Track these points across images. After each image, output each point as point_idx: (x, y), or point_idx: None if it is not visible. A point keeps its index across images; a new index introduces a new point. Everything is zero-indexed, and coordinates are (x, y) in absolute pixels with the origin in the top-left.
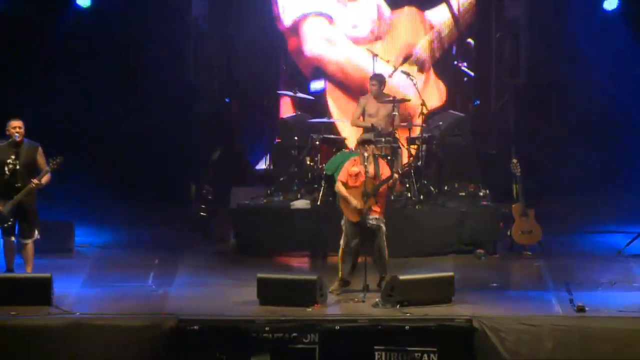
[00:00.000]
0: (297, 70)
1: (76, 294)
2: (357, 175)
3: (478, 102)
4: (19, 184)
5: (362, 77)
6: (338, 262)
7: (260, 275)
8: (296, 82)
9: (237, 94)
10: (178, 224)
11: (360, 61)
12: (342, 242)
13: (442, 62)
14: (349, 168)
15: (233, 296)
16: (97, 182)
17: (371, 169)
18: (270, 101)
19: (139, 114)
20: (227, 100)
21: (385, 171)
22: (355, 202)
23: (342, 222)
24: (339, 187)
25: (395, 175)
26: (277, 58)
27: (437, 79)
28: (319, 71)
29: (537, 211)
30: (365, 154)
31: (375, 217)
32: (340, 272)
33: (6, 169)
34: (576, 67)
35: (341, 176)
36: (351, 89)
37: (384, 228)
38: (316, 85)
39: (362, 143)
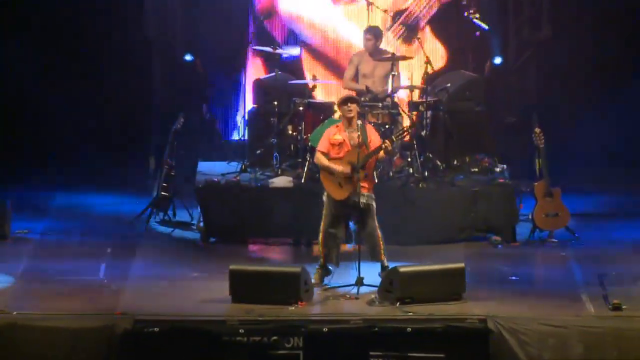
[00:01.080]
0: (266, 34)
1: (13, 290)
2: (340, 144)
3: (500, 59)
4: None
5: (340, 45)
6: (319, 247)
7: (232, 266)
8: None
9: (202, 50)
10: (134, 205)
11: (340, 26)
12: (322, 223)
13: (441, 17)
14: (330, 136)
15: (200, 292)
16: (34, 155)
17: (355, 136)
18: (241, 60)
19: (87, 74)
20: (188, 57)
21: (374, 138)
22: (341, 168)
23: (324, 196)
24: (319, 159)
25: (387, 143)
26: (245, 18)
27: (435, 39)
28: (294, 35)
29: (563, 190)
30: (349, 116)
31: (364, 194)
32: (321, 260)
33: None
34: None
35: (321, 146)
36: (329, 59)
37: (374, 206)
38: (291, 51)
39: (343, 102)
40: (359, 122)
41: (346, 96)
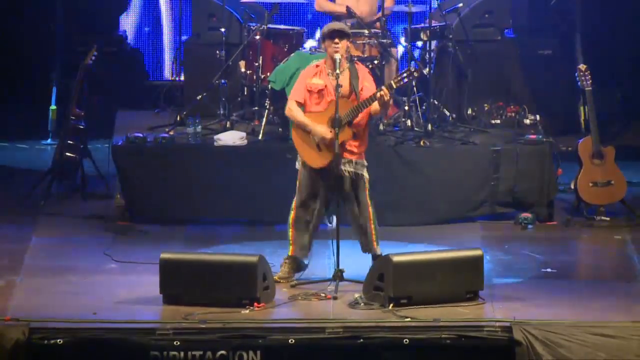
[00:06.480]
0: None
1: None
2: (320, 92)
3: None
4: None
5: None
6: (288, 231)
7: (164, 254)
8: None
9: None
10: (30, 169)
11: None
12: (294, 200)
13: None
14: (307, 79)
15: (120, 289)
16: None
17: (345, 82)
18: None
19: None
20: None
21: (368, 85)
22: (321, 129)
23: (297, 165)
24: (293, 110)
25: (384, 91)
26: None
27: None
28: None
29: (619, 151)
30: (336, 57)
31: (351, 160)
32: (290, 248)
33: None
34: None
35: (295, 94)
36: None
37: (367, 177)
38: None
39: (329, 36)
40: (349, 63)
41: (335, 29)
